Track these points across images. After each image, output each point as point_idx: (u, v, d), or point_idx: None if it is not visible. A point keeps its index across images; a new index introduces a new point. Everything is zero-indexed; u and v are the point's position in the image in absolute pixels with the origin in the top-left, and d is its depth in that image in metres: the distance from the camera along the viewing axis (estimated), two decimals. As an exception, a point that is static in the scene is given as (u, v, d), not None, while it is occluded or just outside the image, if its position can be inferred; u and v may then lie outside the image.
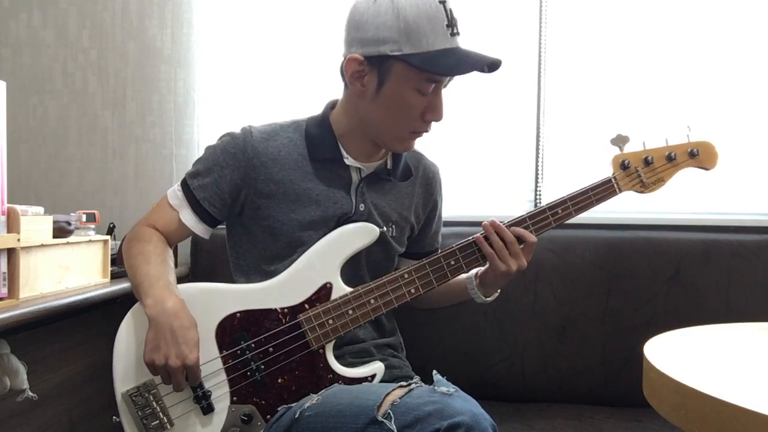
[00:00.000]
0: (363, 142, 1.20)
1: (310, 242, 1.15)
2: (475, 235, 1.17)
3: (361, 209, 1.19)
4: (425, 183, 1.31)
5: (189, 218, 1.18)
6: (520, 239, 1.16)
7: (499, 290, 1.28)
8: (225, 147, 1.18)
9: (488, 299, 1.26)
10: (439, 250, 1.19)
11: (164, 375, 1.05)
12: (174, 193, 1.20)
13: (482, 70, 1.09)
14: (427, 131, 1.17)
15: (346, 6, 1.13)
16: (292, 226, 1.16)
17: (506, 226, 1.16)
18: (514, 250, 1.15)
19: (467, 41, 1.13)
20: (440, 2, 1.07)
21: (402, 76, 1.08)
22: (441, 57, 1.06)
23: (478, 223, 1.21)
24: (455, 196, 1.77)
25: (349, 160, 1.19)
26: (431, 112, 1.13)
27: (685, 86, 1.71)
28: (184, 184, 1.20)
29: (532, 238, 1.16)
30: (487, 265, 1.19)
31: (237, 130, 1.20)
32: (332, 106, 1.24)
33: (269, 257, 1.18)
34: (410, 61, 1.05)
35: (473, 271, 1.24)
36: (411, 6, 1.05)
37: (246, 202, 1.18)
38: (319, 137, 1.19)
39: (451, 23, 1.08)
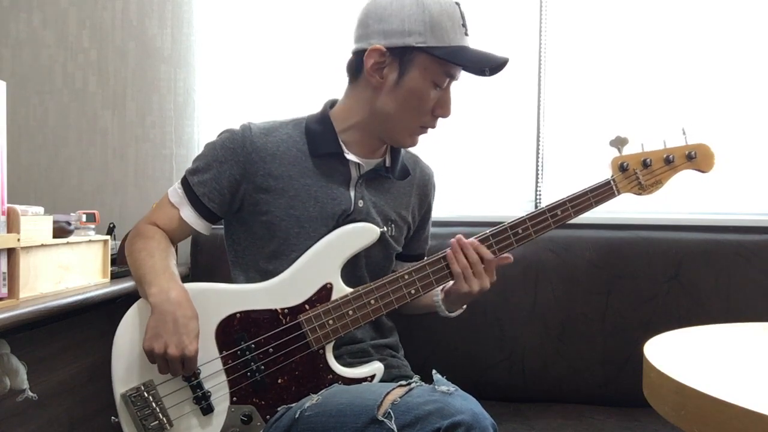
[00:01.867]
0: (364, 138, 1.20)
1: (309, 239, 1.15)
2: (446, 251, 1.16)
3: (360, 205, 1.19)
4: (422, 185, 1.32)
5: (189, 215, 1.19)
6: (481, 258, 1.15)
7: (464, 306, 1.27)
8: (224, 143, 1.18)
9: (452, 315, 1.26)
10: (438, 254, 1.17)
11: (162, 363, 1.05)
12: (174, 191, 1.21)
13: (491, 70, 1.13)
14: (433, 127, 1.20)
15: (346, 6, 1.13)
16: (291, 221, 1.17)
17: (471, 243, 1.15)
18: (477, 270, 1.14)
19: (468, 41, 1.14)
20: (456, 2, 1.13)
21: (424, 68, 1.12)
22: (460, 52, 1.11)
23: (478, 224, 1.22)
24: (455, 197, 1.77)
25: (349, 155, 1.19)
26: (441, 107, 1.16)
27: (685, 87, 1.71)
28: (184, 181, 1.20)
29: (488, 255, 1.14)
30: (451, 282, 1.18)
31: (236, 126, 1.20)
32: (332, 104, 1.24)
33: (268, 254, 1.18)
34: (435, 53, 1.10)
35: (441, 286, 1.22)
36: (434, 2, 1.10)
37: (245, 198, 1.18)
38: (319, 133, 1.20)
39: (464, 23, 1.14)
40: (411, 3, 1.10)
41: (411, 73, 1.12)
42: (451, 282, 1.18)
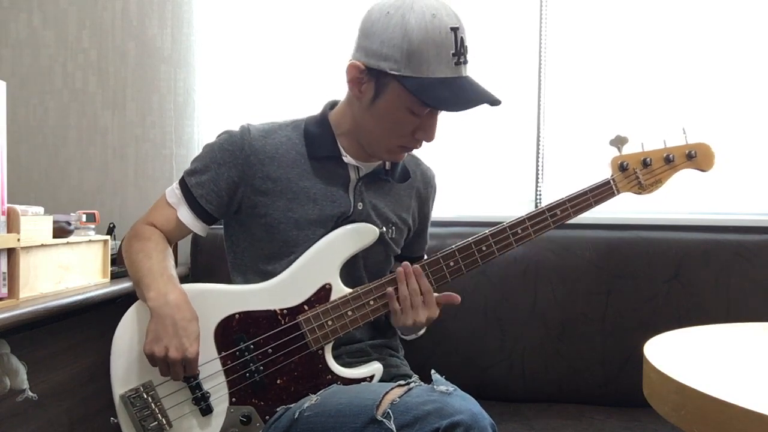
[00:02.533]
0: (358, 144, 1.19)
1: (308, 241, 1.15)
2: (390, 286, 1.12)
3: (360, 208, 1.19)
4: (422, 187, 1.31)
5: (186, 216, 1.19)
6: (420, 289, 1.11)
7: (422, 331, 1.25)
8: (222, 145, 1.18)
9: (411, 337, 1.27)
10: (437, 254, 1.17)
11: (163, 367, 1.05)
12: (172, 192, 1.21)
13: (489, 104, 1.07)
14: (416, 148, 1.16)
15: (346, 7, 1.13)
16: (290, 224, 1.16)
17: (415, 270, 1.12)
18: (416, 302, 1.11)
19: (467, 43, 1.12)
20: (452, 29, 1.04)
21: (396, 96, 1.07)
22: (437, 87, 1.04)
23: (478, 223, 1.22)
24: (455, 197, 1.77)
25: (347, 159, 1.19)
26: (422, 132, 1.12)
27: (685, 87, 1.71)
28: (182, 182, 1.20)
29: (426, 285, 1.12)
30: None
31: (235, 128, 1.20)
32: (332, 106, 1.24)
33: (267, 256, 1.18)
34: (406, 84, 1.04)
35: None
36: (420, 29, 1.02)
37: (243, 200, 1.18)
38: (318, 135, 1.19)
39: (459, 52, 1.05)
40: (395, 25, 1.03)
41: (385, 97, 1.08)
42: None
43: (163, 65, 1.82)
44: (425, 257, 1.18)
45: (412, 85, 1.03)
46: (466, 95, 1.06)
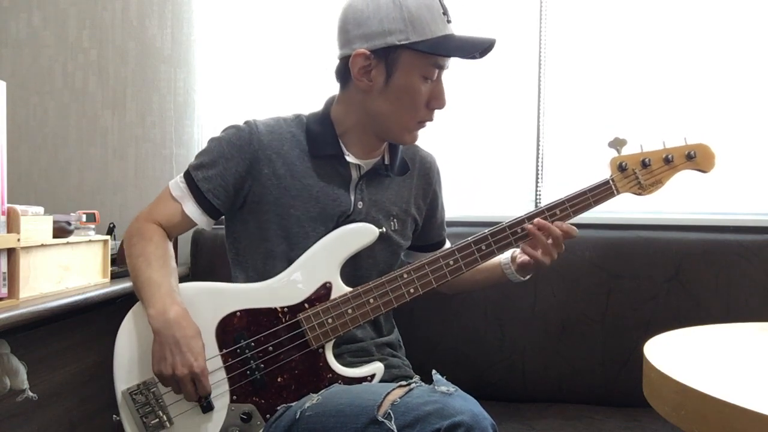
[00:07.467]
0: (364, 138, 1.20)
1: (309, 238, 1.16)
2: (444, 251, 1.18)
3: (360, 207, 1.20)
4: (423, 174, 1.32)
5: (192, 210, 1.19)
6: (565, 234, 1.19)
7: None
8: (230, 139, 1.18)
9: (525, 278, 1.29)
10: (437, 253, 1.17)
11: (174, 385, 1.05)
12: (176, 185, 1.21)
13: (479, 54, 1.14)
14: (431, 120, 1.20)
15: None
16: (291, 221, 1.17)
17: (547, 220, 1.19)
18: (558, 244, 1.19)
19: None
20: None
21: (410, 64, 1.11)
22: (444, 42, 1.11)
23: (478, 223, 1.22)
24: (455, 197, 1.77)
25: (349, 157, 1.20)
26: (435, 99, 1.16)
27: (685, 87, 1.71)
28: (188, 176, 1.20)
29: (556, 231, 1.18)
30: (523, 256, 1.22)
31: (241, 123, 1.21)
32: (333, 101, 1.24)
33: (268, 253, 1.18)
34: (418, 47, 1.09)
35: (508, 255, 1.27)
36: None
37: (249, 194, 1.19)
38: (320, 134, 1.20)
39: (445, 11, 1.13)
40: (387, 2, 1.09)
41: (398, 72, 1.12)
42: (517, 252, 1.24)
43: (163, 65, 1.82)
44: (425, 258, 1.17)
45: (424, 47, 1.09)
46: (470, 43, 1.13)
